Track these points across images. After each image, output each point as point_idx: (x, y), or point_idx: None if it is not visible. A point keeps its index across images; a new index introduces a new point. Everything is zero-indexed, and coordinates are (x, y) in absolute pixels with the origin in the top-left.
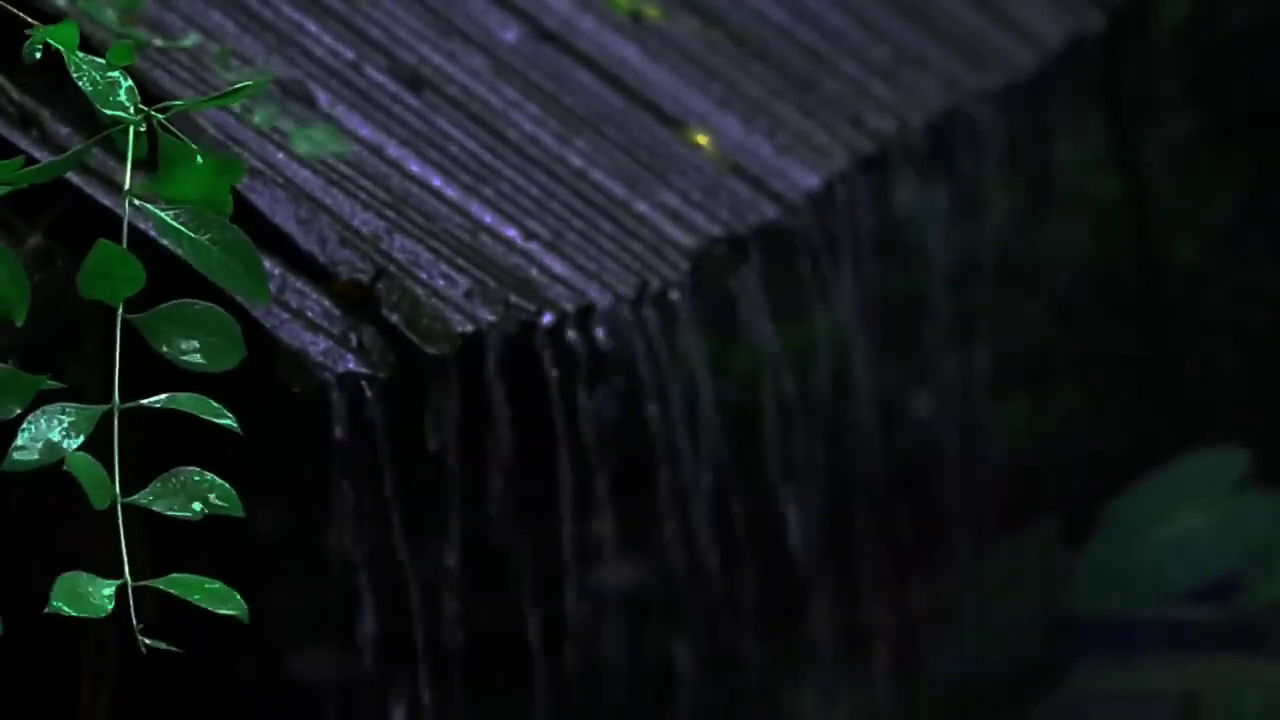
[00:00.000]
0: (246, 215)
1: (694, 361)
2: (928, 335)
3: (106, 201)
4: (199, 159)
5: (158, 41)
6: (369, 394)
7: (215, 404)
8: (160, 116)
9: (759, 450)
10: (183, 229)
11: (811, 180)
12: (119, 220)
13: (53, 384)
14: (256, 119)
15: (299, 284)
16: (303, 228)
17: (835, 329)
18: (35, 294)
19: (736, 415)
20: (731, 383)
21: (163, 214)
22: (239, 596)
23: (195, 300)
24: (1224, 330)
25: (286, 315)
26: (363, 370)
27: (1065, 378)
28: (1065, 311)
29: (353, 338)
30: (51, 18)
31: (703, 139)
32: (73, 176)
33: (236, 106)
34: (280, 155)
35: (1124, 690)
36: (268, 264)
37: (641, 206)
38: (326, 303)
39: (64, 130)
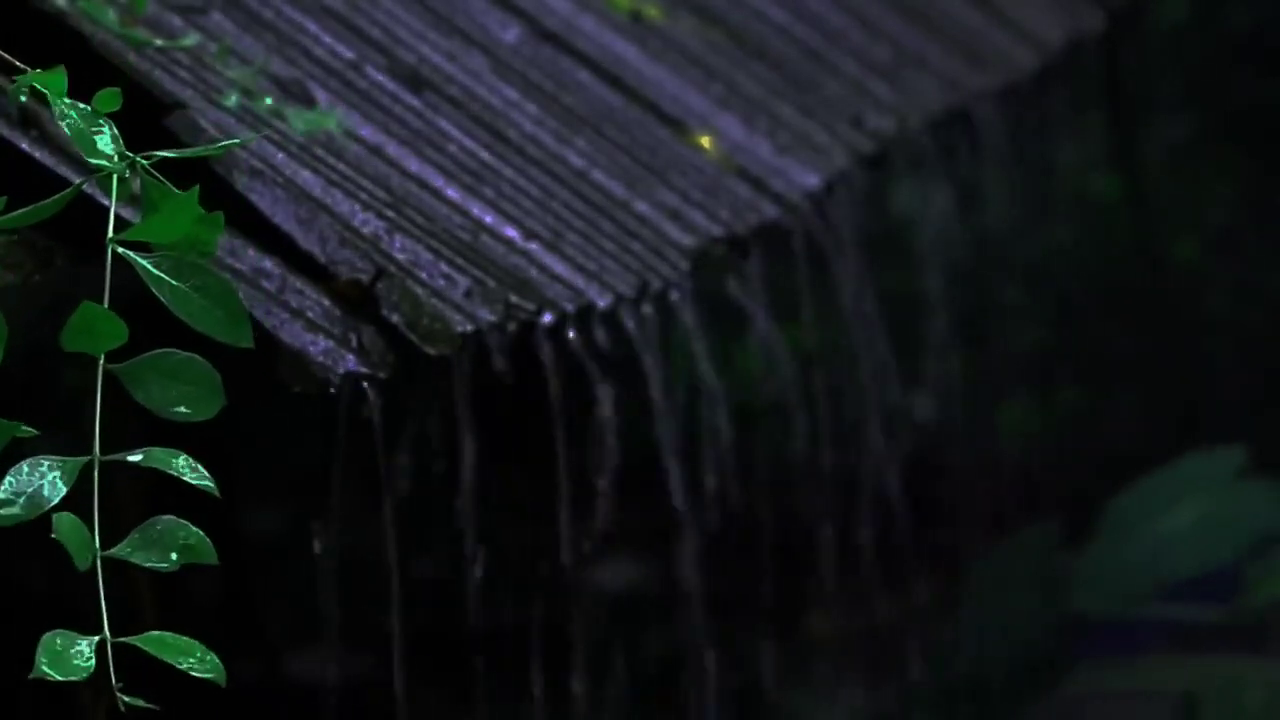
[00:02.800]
0: (247, 215)
1: (694, 361)
2: (928, 335)
3: (106, 200)
4: (180, 203)
5: (158, 41)
6: (369, 394)
7: (192, 461)
8: (144, 163)
9: (759, 450)
10: (164, 276)
11: (811, 180)
12: (117, 220)
13: (27, 430)
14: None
15: (299, 284)
16: (303, 228)
17: (835, 329)
18: (35, 294)
19: (737, 415)
20: (731, 383)
21: (144, 261)
22: (215, 659)
23: (176, 350)
24: (1224, 330)
25: (286, 315)
26: (363, 370)
27: (1065, 378)
28: (1065, 311)
29: (353, 338)
30: (51, 18)
31: (703, 139)
32: (72, 176)
33: (236, 106)
34: (280, 155)
35: (1124, 690)
36: (268, 264)
37: (641, 206)
38: (327, 303)
39: (64, 130)
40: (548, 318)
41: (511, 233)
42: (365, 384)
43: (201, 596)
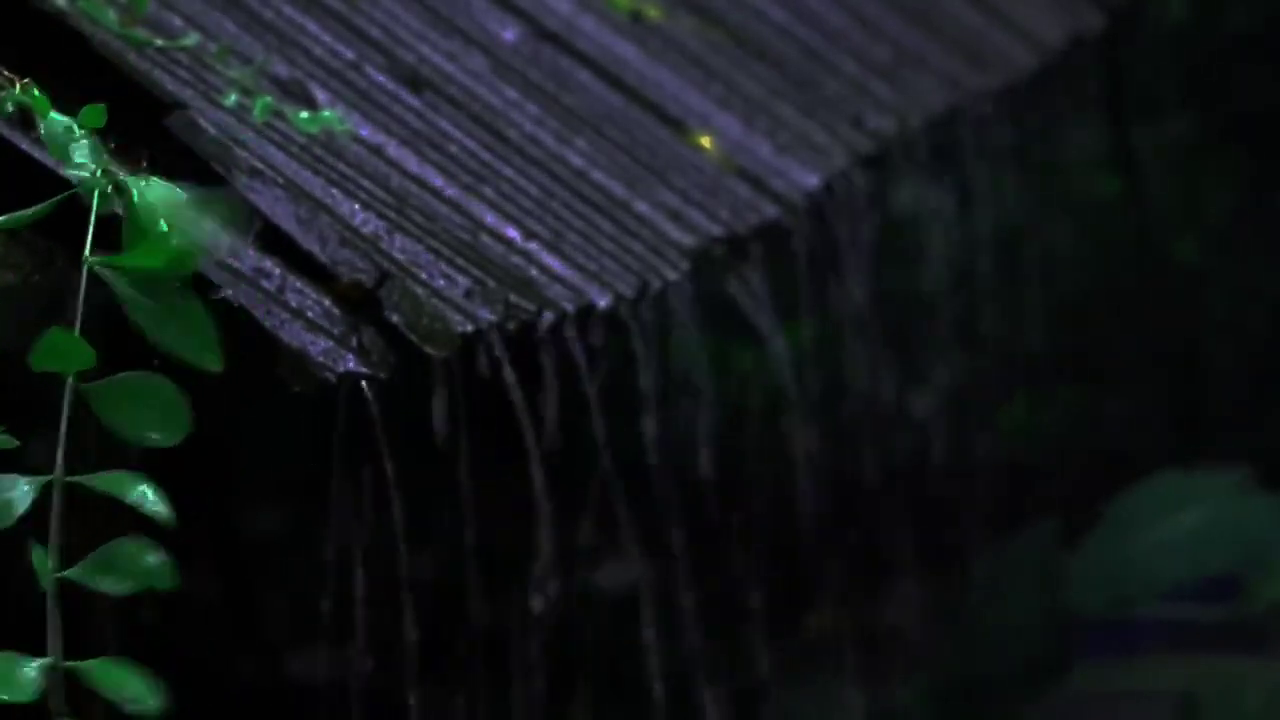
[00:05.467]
0: (246, 215)
1: (693, 361)
2: (928, 335)
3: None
4: (160, 230)
5: (158, 41)
6: (369, 394)
7: (153, 487)
8: (125, 181)
9: (759, 450)
10: (139, 296)
11: (811, 180)
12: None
13: (10, 440)
14: (256, 112)
15: (299, 284)
16: (303, 228)
17: (835, 329)
18: (35, 294)
19: (736, 415)
20: (731, 382)
21: (119, 281)
22: (154, 701)
23: (143, 372)
24: (1224, 330)
25: (286, 315)
26: (363, 370)
27: (1065, 378)
28: (1065, 311)
29: (353, 338)
30: (51, 18)
31: (703, 139)
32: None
33: (235, 105)
34: (280, 155)
35: (1124, 690)
36: (268, 264)
37: (641, 206)
38: (327, 303)
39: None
40: (548, 318)
41: (511, 233)
42: (365, 384)
43: (201, 596)
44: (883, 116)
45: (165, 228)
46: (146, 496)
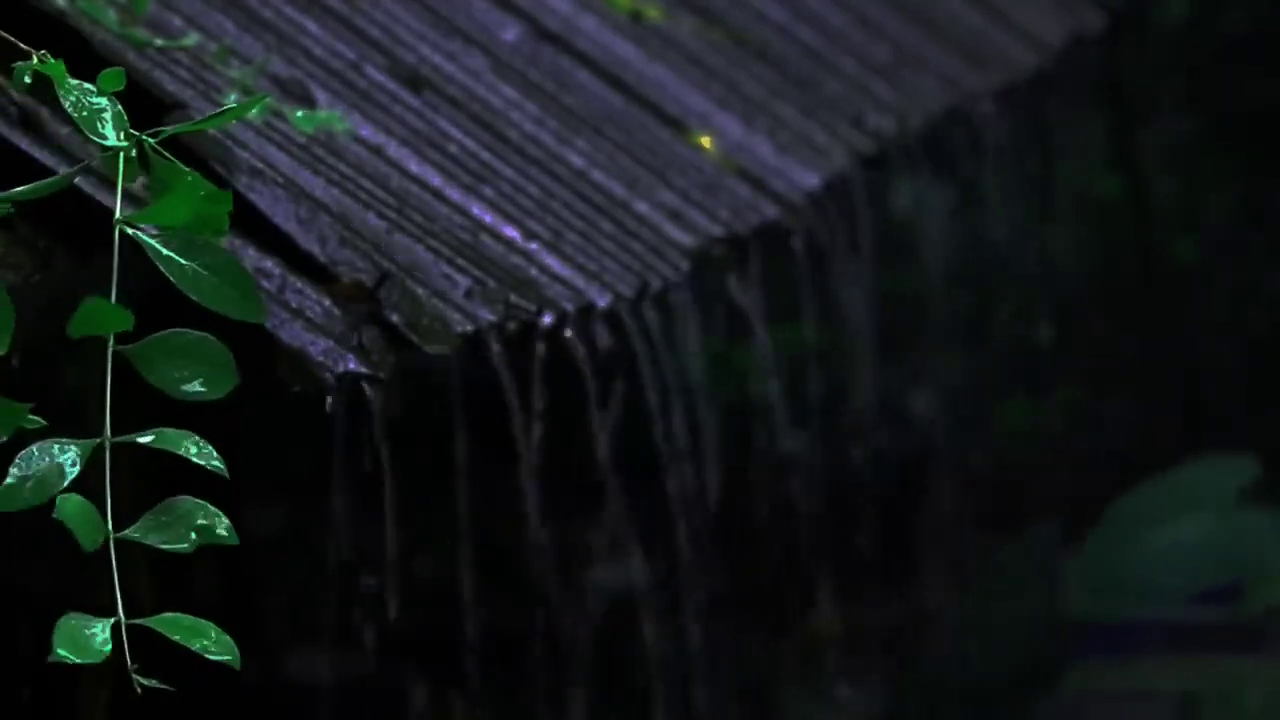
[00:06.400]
0: (246, 215)
1: (693, 361)
2: (928, 335)
3: (107, 201)
4: (191, 183)
5: (158, 41)
6: (369, 394)
7: (203, 442)
8: (151, 141)
9: (759, 450)
10: (174, 255)
11: (811, 180)
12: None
13: (35, 420)
14: (254, 112)
15: (299, 284)
16: (303, 228)
17: (835, 329)
18: (35, 293)
19: (736, 414)
20: (731, 382)
21: (154, 240)
22: (230, 641)
23: (186, 330)
24: (1224, 330)
25: (286, 315)
26: (363, 370)
27: (1065, 378)
28: (1065, 311)
29: (353, 338)
30: (51, 18)
31: (703, 139)
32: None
33: (235, 104)
34: (280, 155)
35: (1124, 690)
36: (268, 264)
37: (641, 206)
38: (327, 303)
39: (64, 130)
40: (548, 318)
41: (511, 233)
42: (365, 384)
43: (201, 595)
44: (883, 116)
45: (194, 186)
46: (197, 451)
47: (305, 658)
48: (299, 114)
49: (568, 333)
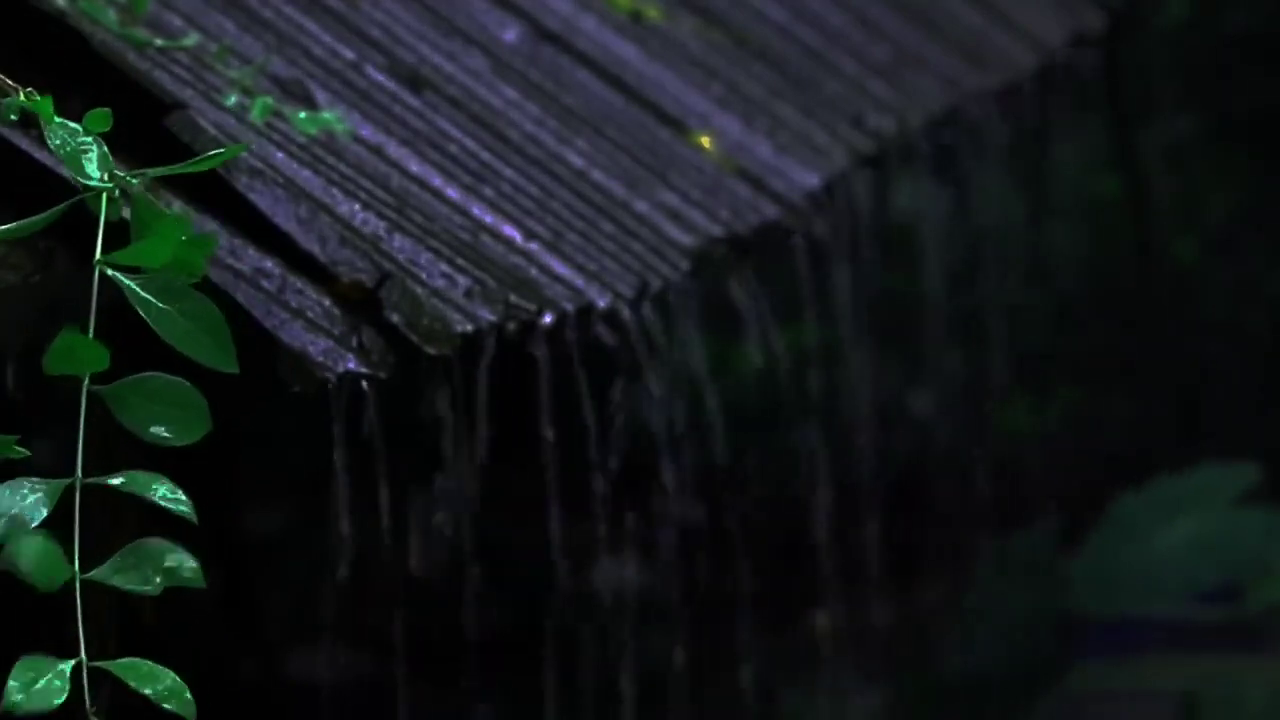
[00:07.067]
0: (247, 215)
1: (693, 361)
2: (928, 335)
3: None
4: (172, 224)
5: (158, 41)
6: (369, 394)
7: (171, 485)
8: (134, 181)
9: (759, 450)
10: (152, 299)
11: (811, 180)
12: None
13: (20, 451)
14: (255, 113)
15: (299, 284)
16: (303, 228)
17: (835, 328)
18: (35, 294)
19: (736, 415)
20: (731, 382)
21: (131, 282)
22: (188, 694)
23: (160, 374)
24: (1223, 330)
25: (286, 315)
26: (363, 370)
27: (1065, 378)
28: (1065, 311)
29: (353, 338)
30: (51, 18)
31: (703, 139)
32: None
33: (235, 106)
34: (280, 155)
35: (1124, 690)
36: (268, 264)
37: (641, 206)
38: (327, 303)
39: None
40: (548, 318)
41: (511, 233)
42: (365, 384)
43: (201, 595)
44: (883, 116)
45: (174, 229)
46: (167, 495)
47: (305, 658)
48: (301, 116)
49: (568, 333)
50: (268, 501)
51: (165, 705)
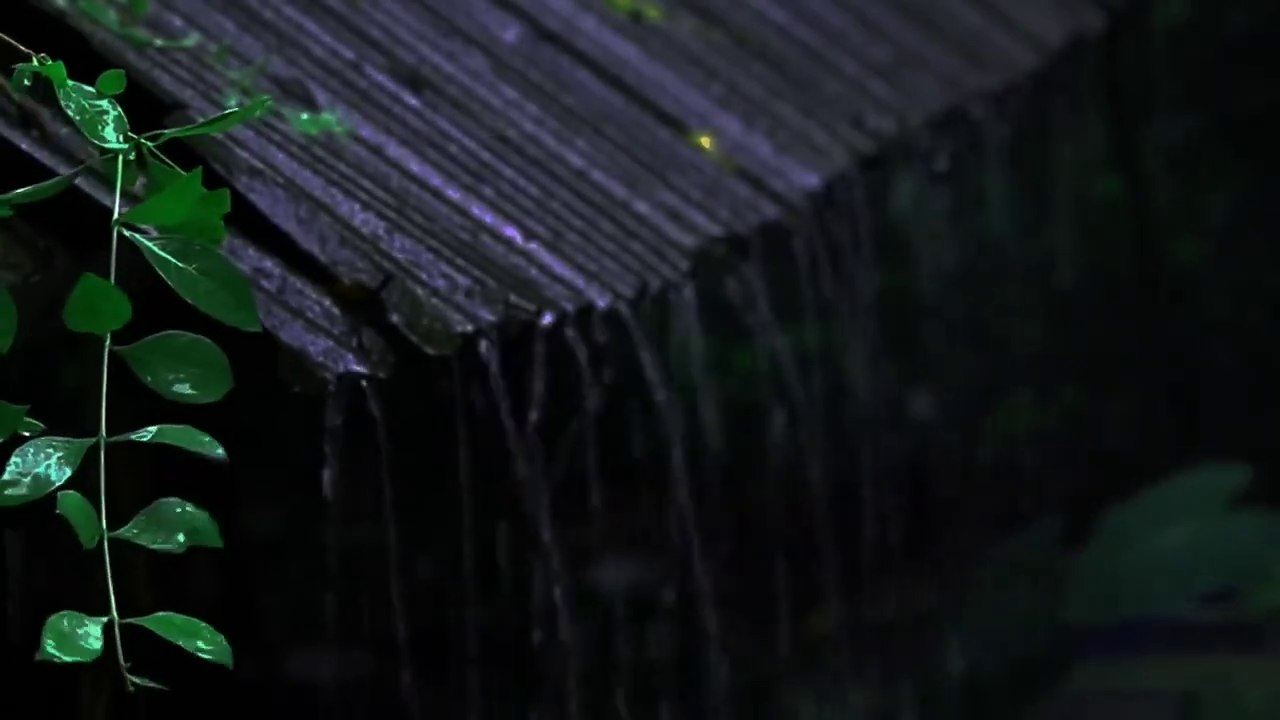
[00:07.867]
0: (247, 215)
1: (694, 361)
2: (928, 335)
3: (107, 201)
4: (186, 180)
5: (158, 41)
6: (369, 394)
7: (205, 435)
8: (149, 145)
9: (759, 450)
10: (170, 258)
11: (811, 180)
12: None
13: (34, 423)
14: (255, 113)
15: (299, 284)
16: (303, 228)
17: (835, 329)
18: (35, 294)
19: (736, 415)
20: (731, 382)
21: (150, 243)
22: (224, 641)
23: (182, 332)
24: (1223, 330)
25: (286, 315)
26: (363, 370)
27: (1065, 378)
28: (1065, 311)
29: (353, 338)
30: (51, 18)
31: (703, 139)
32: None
33: (235, 106)
34: (280, 155)
35: (1124, 690)
36: (268, 264)
37: (641, 206)
38: (327, 303)
39: (64, 130)
40: (548, 318)
41: (511, 233)
42: (365, 384)
43: (200, 595)
44: (883, 116)
45: (189, 185)
46: (202, 443)
47: (305, 658)
48: (303, 117)
49: (569, 333)
50: (268, 501)
51: (207, 657)
